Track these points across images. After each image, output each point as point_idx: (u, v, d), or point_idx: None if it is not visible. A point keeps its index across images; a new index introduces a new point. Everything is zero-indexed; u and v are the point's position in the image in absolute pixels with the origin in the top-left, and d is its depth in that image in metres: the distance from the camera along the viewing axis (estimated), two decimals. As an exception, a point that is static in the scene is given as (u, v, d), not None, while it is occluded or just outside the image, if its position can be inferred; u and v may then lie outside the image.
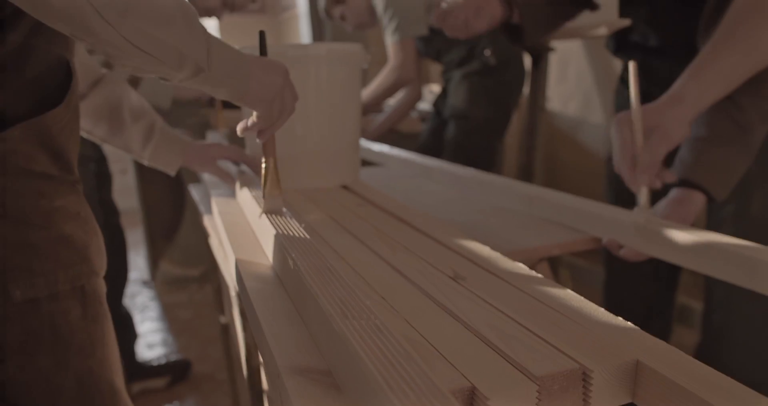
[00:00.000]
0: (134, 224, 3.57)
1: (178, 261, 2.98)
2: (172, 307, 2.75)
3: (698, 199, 0.95)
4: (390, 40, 2.22)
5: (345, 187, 1.23)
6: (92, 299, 0.77)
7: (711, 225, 1.16)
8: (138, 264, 3.34)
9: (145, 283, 3.08)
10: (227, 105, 2.18)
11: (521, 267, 0.70)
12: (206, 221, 1.15)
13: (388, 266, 0.73)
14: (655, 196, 1.02)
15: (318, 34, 3.36)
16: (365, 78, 3.24)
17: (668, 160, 1.02)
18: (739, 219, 1.10)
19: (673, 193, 0.97)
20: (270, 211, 0.86)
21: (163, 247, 2.99)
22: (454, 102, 2.24)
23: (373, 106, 2.44)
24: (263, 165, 0.87)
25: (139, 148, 1.12)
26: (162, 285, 2.98)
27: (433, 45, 2.28)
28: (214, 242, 1.16)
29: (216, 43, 0.70)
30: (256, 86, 0.76)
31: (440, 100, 2.38)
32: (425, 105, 2.73)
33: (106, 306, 0.80)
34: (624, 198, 1.18)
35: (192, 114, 2.42)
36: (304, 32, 3.52)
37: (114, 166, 4.95)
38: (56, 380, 0.73)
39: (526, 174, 2.66)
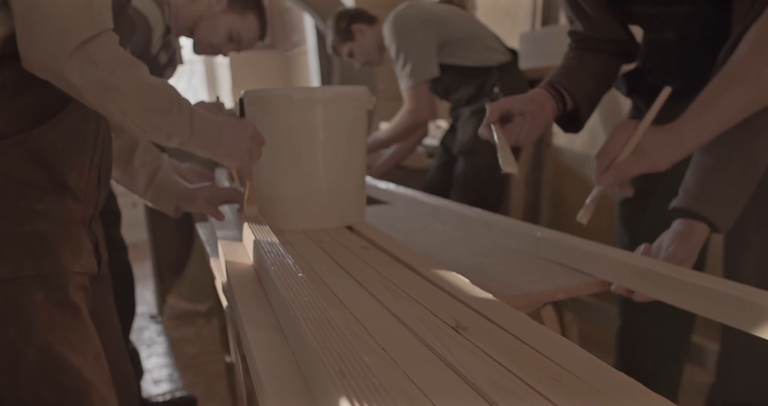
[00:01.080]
0: (143, 257, 3.58)
1: (185, 296, 2.98)
2: (179, 342, 2.74)
3: (703, 232, 0.95)
4: (404, 85, 2.22)
5: (350, 227, 1.23)
6: (57, 287, 0.91)
7: (731, 265, 1.15)
8: (146, 298, 3.34)
9: (152, 317, 3.08)
10: None
11: (524, 317, 0.70)
12: (213, 264, 1.15)
13: (390, 314, 0.73)
14: (659, 227, 1.01)
15: (326, 70, 3.41)
16: (372, 118, 3.27)
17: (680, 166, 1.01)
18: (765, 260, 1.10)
19: (677, 225, 0.96)
20: (248, 219, 1.13)
21: (171, 281, 3.00)
22: (463, 139, 2.25)
23: (387, 146, 2.44)
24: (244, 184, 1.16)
25: (142, 191, 1.25)
26: (169, 319, 2.98)
27: (441, 83, 2.30)
28: (219, 284, 1.16)
29: (197, 119, 0.94)
30: (225, 149, 1.00)
31: (448, 136, 2.39)
32: (432, 140, 2.74)
33: (76, 299, 0.93)
34: (636, 241, 1.15)
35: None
36: (312, 68, 3.57)
37: (124, 200, 4.99)
38: (19, 349, 0.87)
39: (532, 209, 2.67)
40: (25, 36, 0.84)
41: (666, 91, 0.95)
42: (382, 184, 1.80)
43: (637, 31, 1.26)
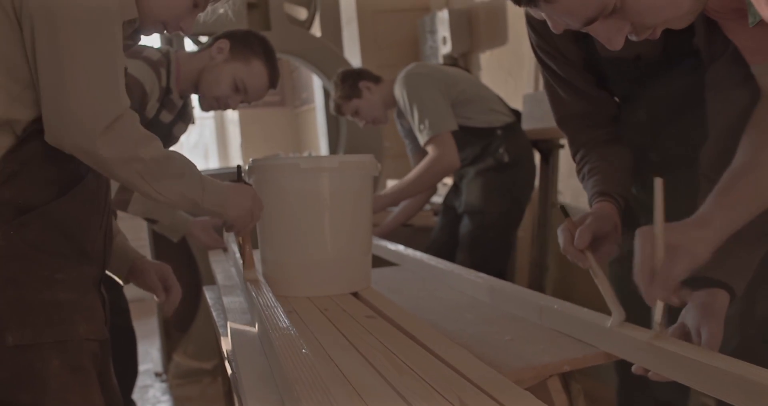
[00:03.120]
0: (149, 313, 3.57)
1: (191, 354, 2.96)
2: (184, 401, 2.71)
3: (724, 300, 0.91)
4: (425, 137, 2.19)
5: (356, 294, 1.24)
6: (72, 354, 0.96)
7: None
8: (151, 355, 3.32)
9: (157, 375, 3.05)
10: None
11: (529, 396, 0.70)
12: (222, 344, 1.14)
13: (393, 391, 0.73)
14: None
15: (334, 127, 3.46)
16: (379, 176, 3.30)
17: None
18: (745, 319, 1.08)
19: (701, 296, 0.92)
20: (249, 279, 1.22)
21: (177, 338, 2.98)
22: (469, 198, 2.27)
23: (412, 195, 2.38)
24: (245, 249, 1.26)
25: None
26: (174, 378, 2.95)
27: (446, 142, 2.33)
28: (225, 351, 1.16)
29: (207, 182, 1.06)
30: (232, 209, 1.11)
31: (451, 195, 2.41)
32: (438, 198, 2.77)
33: (88, 365, 0.98)
34: (629, 301, 1.12)
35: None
36: (320, 125, 3.63)
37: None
38: None
39: (539, 268, 2.66)
40: (55, 117, 0.93)
41: (659, 184, 0.92)
42: (391, 245, 1.81)
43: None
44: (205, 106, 1.92)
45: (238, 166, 1.25)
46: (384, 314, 1.07)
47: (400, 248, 1.78)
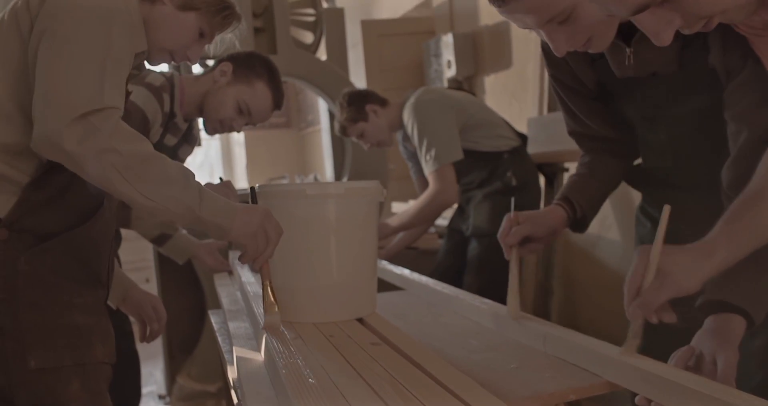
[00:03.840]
0: (154, 334, 3.57)
1: (195, 376, 2.95)
2: (187, 425, 2.70)
3: (740, 326, 0.89)
4: (429, 169, 2.24)
5: (361, 320, 1.24)
6: (91, 377, 1.00)
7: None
8: (155, 377, 3.31)
9: (161, 397, 3.04)
10: None
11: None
12: (229, 372, 1.14)
13: (400, 422, 0.73)
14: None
15: (339, 149, 3.48)
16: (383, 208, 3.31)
17: None
18: None
19: (711, 322, 0.91)
20: (269, 326, 1.10)
21: (181, 360, 2.98)
22: (477, 221, 2.28)
23: (412, 227, 2.42)
24: (264, 287, 1.13)
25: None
26: (178, 400, 2.93)
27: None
28: (230, 378, 1.16)
29: (207, 195, 0.99)
30: (239, 224, 1.02)
31: (457, 218, 2.42)
32: (443, 221, 2.77)
33: (104, 389, 1.04)
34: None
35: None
36: (325, 146, 3.66)
37: (138, 275, 5.01)
38: None
39: (544, 291, 2.66)
40: (36, 106, 0.91)
41: (666, 211, 0.94)
42: (397, 269, 1.82)
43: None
44: (210, 130, 1.92)
45: (252, 188, 1.18)
46: (389, 341, 1.07)
47: (406, 272, 1.78)
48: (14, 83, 0.99)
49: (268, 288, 1.13)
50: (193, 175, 0.99)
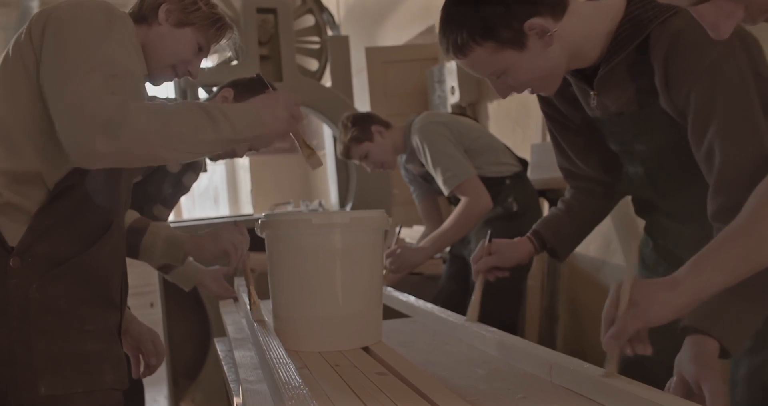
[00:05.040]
0: (158, 360, 3.56)
1: (199, 402, 2.94)
2: (191, 452, 2.68)
3: (714, 349, 0.93)
4: (451, 186, 2.23)
5: (367, 348, 1.24)
6: (100, 403, 1.02)
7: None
8: (159, 403, 3.30)
9: (164, 424, 3.02)
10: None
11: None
12: (234, 402, 1.15)
13: (407, 454, 0.73)
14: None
15: (343, 173, 3.51)
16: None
17: None
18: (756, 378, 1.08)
19: (688, 346, 0.95)
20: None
21: (185, 386, 2.96)
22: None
23: (452, 243, 2.37)
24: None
25: None
26: (181, 427, 2.92)
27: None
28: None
29: (233, 116, 1.03)
30: (270, 125, 1.09)
31: (458, 244, 2.43)
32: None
33: None
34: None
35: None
36: (330, 171, 3.68)
37: (143, 299, 5.02)
38: None
39: (549, 316, 2.65)
40: (60, 131, 0.94)
41: (634, 248, 1.07)
42: (402, 296, 1.82)
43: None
44: (214, 156, 1.93)
45: (258, 75, 1.32)
46: (395, 370, 1.08)
47: (411, 299, 1.78)
48: (23, 113, 1.02)
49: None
50: (214, 109, 1.02)
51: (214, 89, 2.74)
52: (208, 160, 2.21)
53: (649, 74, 1.08)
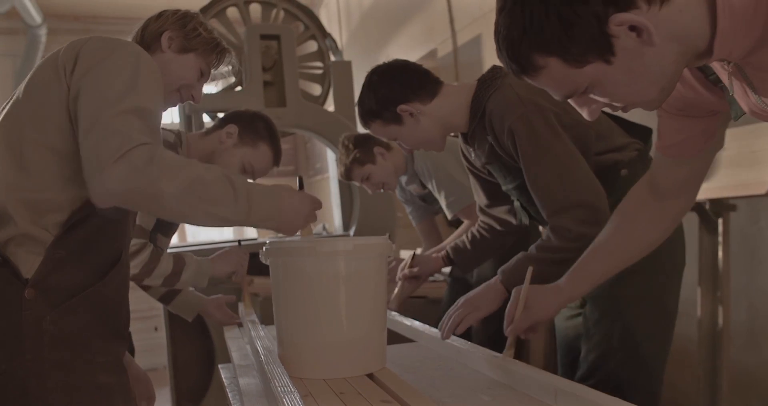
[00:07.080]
0: (163, 382, 3.54)
1: (202, 427, 2.92)
2: (195, 479, 2.66)
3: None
4: (456, 209, 2.31)
5: (371, 375, 1.24)
6: None
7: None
8: (163, 428, 3.27)
9: (168, 450, 3.00)
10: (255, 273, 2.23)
11: None
12: None
13: None
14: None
15: (347, 196, 3.52)
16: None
17: None
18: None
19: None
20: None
21: (189, 410, 2.95)
22: (482, 270, 2.28)
23: None
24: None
25: None
26: (185, 453, 2.90)
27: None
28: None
29: (257, 198, 1.03)
30: (283, 220, 1.10)
31: (457, 267, 2.44)
32: (446, 268, 2.77)
33: None
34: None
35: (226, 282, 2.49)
36: (333, 194, 3.70)
37: (147, 323, 5.01)
38: None
39: (553, 336, 2.63)
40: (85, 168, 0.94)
41: (529, 271, 1.35)
42: (407, 321, 1.82)
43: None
44: None
45: (300, 178, 1.38)
46: (400, 398, 1.08)
47: (416, 324, 1.78)
48: (49, 141, 1.01)
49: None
50: (241, 182, 1.02)
51: (219, 115, 2.78)
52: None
53: (492, 134, 1.53)
